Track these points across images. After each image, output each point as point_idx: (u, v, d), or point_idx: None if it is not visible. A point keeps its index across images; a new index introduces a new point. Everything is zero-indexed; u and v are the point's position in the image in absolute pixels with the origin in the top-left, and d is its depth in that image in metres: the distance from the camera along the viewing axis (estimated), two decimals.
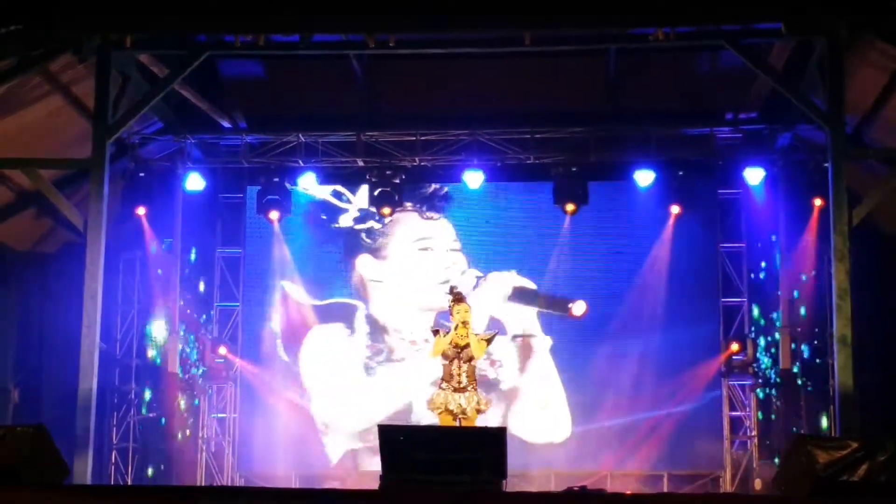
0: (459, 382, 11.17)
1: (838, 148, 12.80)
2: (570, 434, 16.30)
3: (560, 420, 16.38)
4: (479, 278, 16.61)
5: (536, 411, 16.41)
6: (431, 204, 16.84)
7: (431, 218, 16.84)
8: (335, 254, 16.91)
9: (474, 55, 14.29)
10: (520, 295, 16.60)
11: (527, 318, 16.60)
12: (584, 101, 15.70)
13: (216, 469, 16.56)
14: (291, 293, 16.81)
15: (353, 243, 16.91)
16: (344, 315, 16.80)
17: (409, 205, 16.68)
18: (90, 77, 13.53)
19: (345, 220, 16.92)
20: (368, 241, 16.91)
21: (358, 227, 16.90)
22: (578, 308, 16.36)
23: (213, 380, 16.76)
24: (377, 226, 16.86)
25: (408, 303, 16.68)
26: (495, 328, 15.95)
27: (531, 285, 16.58)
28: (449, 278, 16.36)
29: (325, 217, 16.93)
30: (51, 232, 15.86)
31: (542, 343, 16.53)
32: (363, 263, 16.87)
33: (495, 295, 16.57)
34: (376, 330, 16.75)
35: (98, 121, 13.37)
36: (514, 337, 16.54)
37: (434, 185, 16.77)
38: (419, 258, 16.82)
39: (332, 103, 15.81)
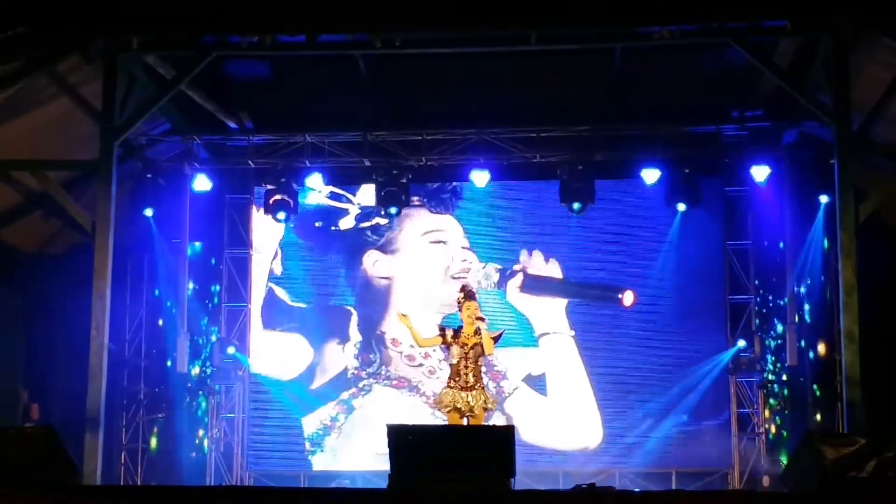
0: (467, 381, 11.19)
1: (844, 145, 12.81)
2: (603, 438, 16.25)
3: (592, 423, 16.28)
4: (500, 271, 16.48)
5: (569, 416, 16.28)
6: (439, 200, 16.78)
7: (440, 213, 16.80)
8: (336, 262, 16.76)
9: (480, 54, 14.30)
10: (552, 286, 16.42)
11: (555, 313, 16.44)
12: (590, 99, 15.71)
13: (225, 469, 16.59)
14: (280, 296, 16.74)
15: (357, 243, 16.80)
16: (336, 322, 16.65)
17: (415, 199, 16.61)
18: (97, 79, 13.57)
19: (346, 223, 16.79)
20: (375, 237, 16.79)
21: (362, 225, 16.79)
22: (628, 298, 16.22)
23: (221, 380, 16.77)
24: (383, 221, 16.71)
25: (417, 302, 16.41)
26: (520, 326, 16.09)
27: (560, 275, 16.44)
28: (467, 270, 16.32)
29: (319, 224, 16.81)
30: (59, 233, 15.90)
31: (570, 340, 16.39)
32: (371, 260, 16.73)
33: (524, 286, 16.38)
34: (369, 339, 16.59)
35: (105, 122, 13.41)
36: (542, 335, 16.43)
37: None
38: (431, 251, 16.67)
39: (339, 103, 15.83)
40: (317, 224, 16.85)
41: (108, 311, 13.17)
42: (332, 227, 16.84)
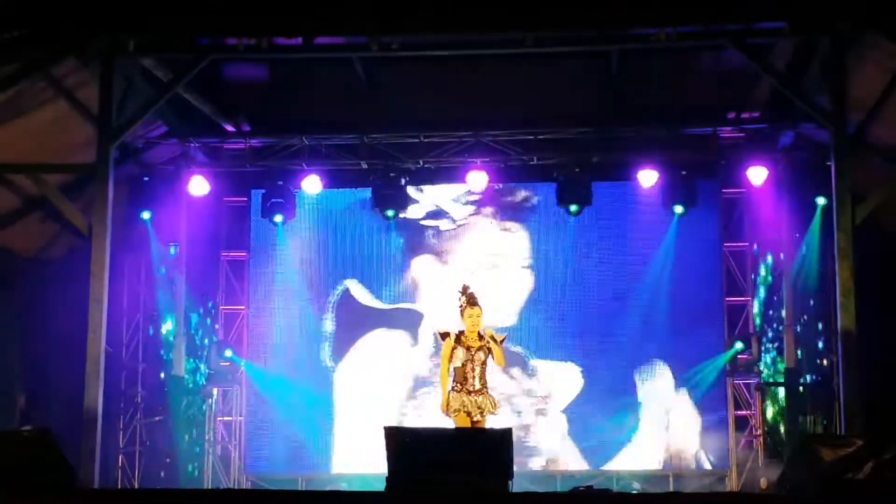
0: (473, 386, 11.13)
1: (841, 146, 12.81)
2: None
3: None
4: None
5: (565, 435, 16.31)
6: (514, 214, 16.60)
7: (509, 230, 16.62)
8: (394, 249, 16.62)
9: (477, 57, 14.30)
10: None
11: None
12: (587, 101, 15.71)
13: (222, 472, 16.58)
14: (355, 293, 16.56)
15: (416, 241, 16.62)
16: (407, 323, 16.48)
17: (489, 210, 16.55)
18: (94, 82, 13.53)
19: (414, 211, 16.54)
20: (434, 241, 16.65)
21: (425, 222, 16.60)
22: None
23: (218, 383, 16.78)
24: (449, 226, 16.60)
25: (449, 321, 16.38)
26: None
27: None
28: (516, 297, 16.28)
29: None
30: (56, 237, 15.87)
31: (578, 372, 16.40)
32: (421, 264, 16.60)
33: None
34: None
35: (102, 125, 13.38)
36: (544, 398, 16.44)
37: (524, 193, 16.53)
38: (485, 275, 16.30)
39: (335, 106, 15.82)
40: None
41: (105, 314, 13.14)
42: (402, 214, 16.37)
